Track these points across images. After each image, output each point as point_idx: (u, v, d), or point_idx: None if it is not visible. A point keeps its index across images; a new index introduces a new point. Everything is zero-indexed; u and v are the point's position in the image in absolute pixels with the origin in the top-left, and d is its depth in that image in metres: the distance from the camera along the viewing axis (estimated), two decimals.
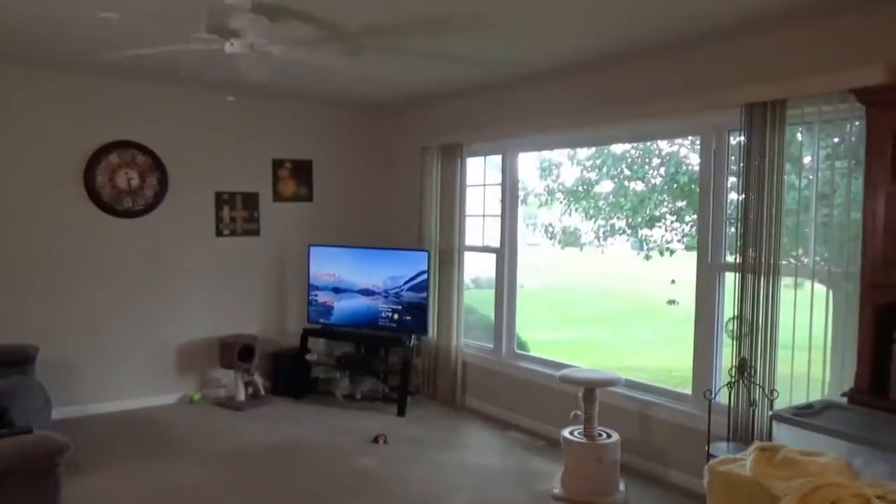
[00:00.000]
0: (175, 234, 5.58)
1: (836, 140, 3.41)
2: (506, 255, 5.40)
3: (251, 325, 5.96)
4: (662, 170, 6.38)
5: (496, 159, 5.58)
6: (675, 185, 6.17)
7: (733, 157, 3.88)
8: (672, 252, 6.32)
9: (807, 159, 3.56)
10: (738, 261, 3.62)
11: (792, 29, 3.45)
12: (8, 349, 4.41)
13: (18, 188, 4.92)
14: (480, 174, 5.75)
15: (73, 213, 5.14)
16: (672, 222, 6.35)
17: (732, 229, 3.83)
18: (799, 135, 3.61)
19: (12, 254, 4.92)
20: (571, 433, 3.93)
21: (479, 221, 5.74)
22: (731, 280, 3.80)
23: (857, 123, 3.21)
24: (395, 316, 5.63)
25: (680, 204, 6.28)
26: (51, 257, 5.07)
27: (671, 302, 7.08)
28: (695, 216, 6.24)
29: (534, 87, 4.97)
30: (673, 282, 7.02)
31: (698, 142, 4.21)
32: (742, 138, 3.59)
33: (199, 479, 4.08)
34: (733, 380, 3.55)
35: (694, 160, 6.28)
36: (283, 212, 6.15)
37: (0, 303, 4.85)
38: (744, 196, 3.57)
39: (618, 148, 6.90)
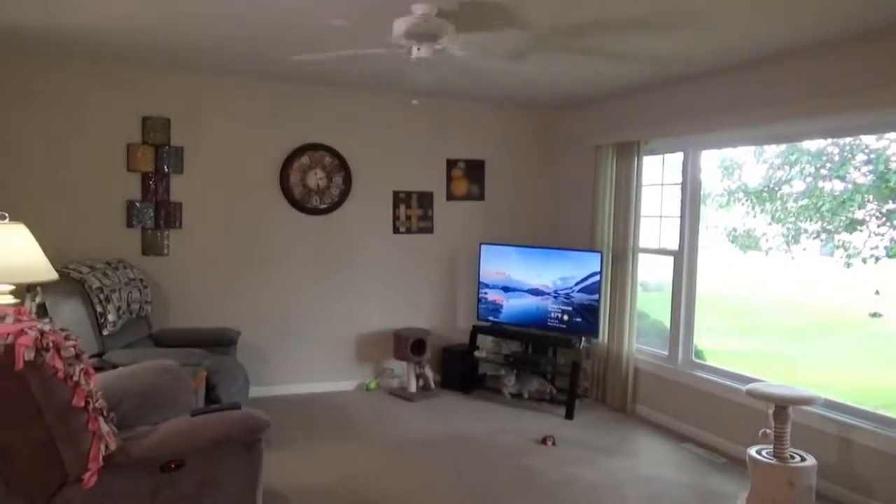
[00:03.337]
0: (356, 230, 5.92)
1: None
2: (685, 259, 5.12)
3: (423, 319, 6.18)
4: (867, 168, 5.69)
5: (673, 158, 5.31)
6: (884, 185, 5.48)
7: None
8: (877, 259, 5.63)
9: None
10: None
11: None
12: (215, 332, 4.93)
13: (227, 188, 5.46)
14: (656, 173, 5.50)
15: (271, 211, 5.62)
16: (879, 226, 5.65)
17: None
18: None
19: (221, 247, 5.47)
20: (759, 452, 3.64)
21: (654, 222, 5.50)
22: None
23: None
24: (565, 317, 5.55)
25: (890, 206, 5.58)
26: (251, 250, 5.58)
27: (874, 315, 6.31)
28: None
29: (719, 80, 4.67)
30: (877, 292, 6.26)
31: None
32: None
33: (374, 463, 4.29)
34: None
35: None
36: (456, 210, 6.30)
37: (210, 290, 5.43)
38: None
39: (812, 144, 6.28)
